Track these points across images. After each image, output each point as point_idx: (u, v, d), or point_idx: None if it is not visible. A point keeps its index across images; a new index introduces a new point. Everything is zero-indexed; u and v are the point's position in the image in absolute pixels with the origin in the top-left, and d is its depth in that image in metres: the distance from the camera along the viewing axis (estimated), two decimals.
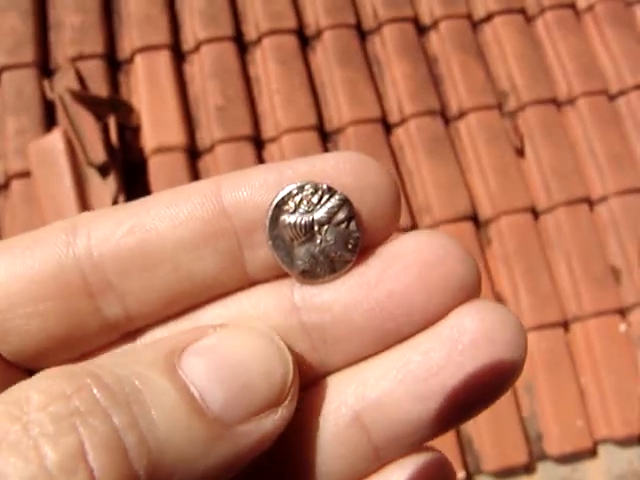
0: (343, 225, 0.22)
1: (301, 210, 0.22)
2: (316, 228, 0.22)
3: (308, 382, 0.22)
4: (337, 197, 0.22)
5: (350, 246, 0.22)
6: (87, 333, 0.22)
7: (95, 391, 0.17)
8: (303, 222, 0.22)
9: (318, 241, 0.22)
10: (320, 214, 0.22)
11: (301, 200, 0.22)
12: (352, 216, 0.22)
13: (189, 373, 0.19)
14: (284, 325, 0.22)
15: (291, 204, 0.22)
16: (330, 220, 0.22)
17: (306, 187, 0.22)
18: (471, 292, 0.21)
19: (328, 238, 0.22)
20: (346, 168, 0.21)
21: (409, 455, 0.21)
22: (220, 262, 0.22)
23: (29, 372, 0.22)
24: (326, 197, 0.22)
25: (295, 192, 0.22)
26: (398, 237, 0.22)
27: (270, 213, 0.22)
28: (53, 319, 0.21)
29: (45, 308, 0.21)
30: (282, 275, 0.23)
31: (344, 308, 0.22)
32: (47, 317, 0.21)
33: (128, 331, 0.23)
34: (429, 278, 0.21)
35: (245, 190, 0.22)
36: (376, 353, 0.22)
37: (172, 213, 0.22)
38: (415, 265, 0.21)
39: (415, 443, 0.21)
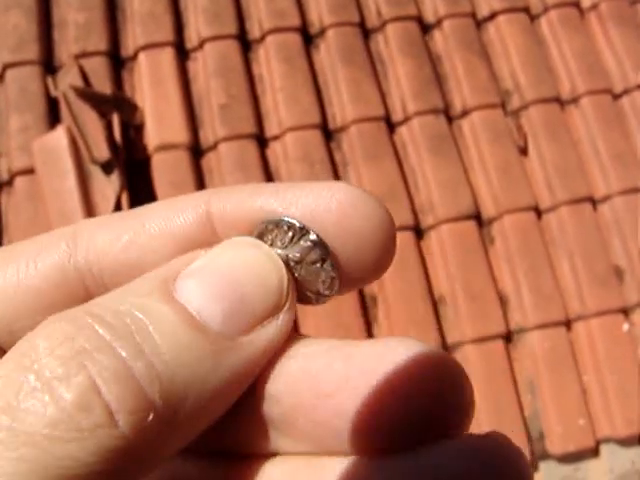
0: (317, 264, 0.21)
1: (278, 245, 0.22)
2: (291, 264, 0.22)
3: None
4: (310, 237, 0.21)
5: (326, 285, 0.22)
6: None
7: (97, 328, 0.18)
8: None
9: (295, 275, 0.22)
10: (293, 252, 0.21)
11: (276, 236, 0.21)
12: (325, 257, 0.21)
13: (185, 295, 0.19)
14: None
15: (267, 239, 0.22)
16: (303, 259, 0.21)
17: (281, 224, 0.21)
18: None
19: (302, 274, 0.22)
20: (333, 205, 0.21)
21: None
22: None
23: None
24: (298, 236, 0.21)
25: (271, 227, 0.21)
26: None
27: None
28: None
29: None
30: None
31: None
32: None
33: None
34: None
35: (234, 208, 0.22)
36: None
37: (166, 229, 0.22)
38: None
39: None
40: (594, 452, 1.36)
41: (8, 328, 0.22)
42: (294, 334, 0.21)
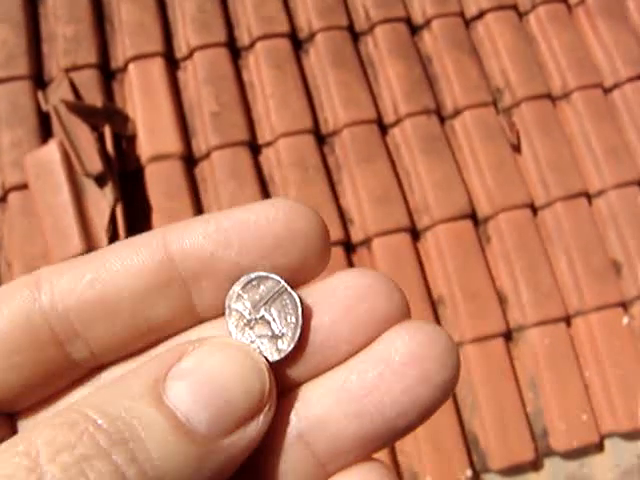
0: (281, 298, 0.24)
1: (258, 302, 0.25)
2: (262, 313, 0.25)
3: None
4: (271, 281, 0.24)
5: (292, 318, 0.24)
6: (58, 375, 0.25)
7: (95, 435, 0.19)
8: (249, 310, 0.25)
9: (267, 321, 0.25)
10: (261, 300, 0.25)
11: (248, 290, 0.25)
12: (284, 290, 0.24)
13: (174, 399, 0.21)
14: None
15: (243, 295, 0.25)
16: (268, 300, 0.25)
17: (252, 276, 0.25)
18: (397, 323, 0.23)
19: (272, 314, 0.25)
20: (277, 216, 0.24)
21: (352, 466, 0.23)
22: (172, 307, 0.25)
23: (7, 415, 0.25)
24: (263, 284, 0.25)
25: (245, 283, 0.25)
26: (331, 275, 0.24)
27: (227, 303, 0.25)
28: (27, 369, 0.24)
29: (19, 360, 0.23)
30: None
31: None
32: (21, 368, 0.24)
33: (94, 367, 0.25)
34: (354, 313, 0.23)
35: (188, 241, 0.24)
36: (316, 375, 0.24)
37: (126, 266, 0.24)
38: (341, 302, 0.23)
39: (357, 457, 0.23)
40: (599, 447, 1.35)
41: None
42: None
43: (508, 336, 1.37)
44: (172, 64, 1.50)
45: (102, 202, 1.27)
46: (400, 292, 0.24)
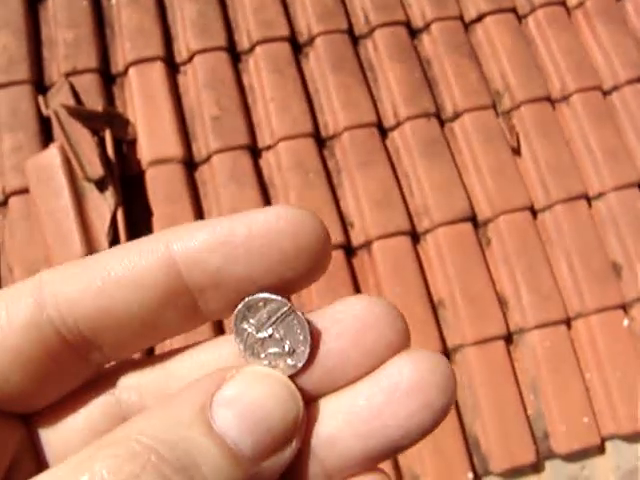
0: (288, 319, 0.25)
1: (265, 322, 0.26)
2: (270, 331, 0.26)
3: None
4: (276, 303, 0.25)
5: (301, 337, 0.25)
6: (72, 378, 0.26)
7: (158, 465, 0.20)
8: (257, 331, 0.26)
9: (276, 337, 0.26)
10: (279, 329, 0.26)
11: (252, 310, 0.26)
12: (292, 311, 0.25)
13: (222, 427, 0.23)
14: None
15: (249, 315, 0.26)
16: (275, 321, 0.26)
17: (257, 297, 0.25)
18: (400, 350, 0.25)
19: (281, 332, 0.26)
20: (285, 229, 0.24)
21: (358, 475, 0.25)
22: (179, 314, 0.25)
23: (21, 417, 0.26)
24: (278, 315, 0.25)
25: (250, 303, 0.25)
26: (341, 300, 0.26)
27: (234, 322, 0.26)
28: (38, 370, 0.24)
29: (29, 361, 0.24)
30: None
31: None
32: (32, 369, 0.24)
33: (106, 363, 0.27)
34: (362, 341, 0.25)
35: (195, 254, 0.24)
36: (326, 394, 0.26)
37: (133, 276, 0.24)
38: (350, 329, 0.25)
39: (362, 470, 0.25)
40: (600, 449, 1.35)
41: None
42: None
43: (509, 339, 1.37)
44: (172, 68, 1.51)
45: (103, 206, 1.27)
46: (404, 320, 0.26)
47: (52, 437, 0.26)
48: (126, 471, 0.20)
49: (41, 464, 0.25)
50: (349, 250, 1.39)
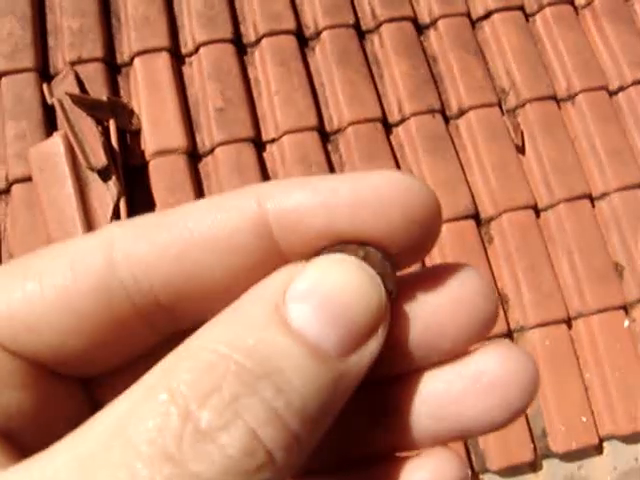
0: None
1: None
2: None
3: None
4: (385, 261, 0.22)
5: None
6: (138, 345, 0.23)
7: (239, 373, 0.18)
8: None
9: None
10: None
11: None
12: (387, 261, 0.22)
13: (302, 324, 0.20)
14: None
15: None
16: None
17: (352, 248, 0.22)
18: (488, 329, 0.23)
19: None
20: (395, 198, 0.21)
21: (430, 454, 0.24)
22: (264, 277, 0.22)
23: (82, 381, 0.24)
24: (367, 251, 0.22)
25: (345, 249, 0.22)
26: (436, 265, 0.24)
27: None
28: (105, 343, 0.22)
29: (96, 335, 0.22)
30: None
31: None
32: (99, 342, 0.22)
33: (175, 332, 0.23)
34: (460, 313, 0.23)
35: (291, 212, 0.21)
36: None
37: (218, 238, 0.21)
38: (451, 294, 0.23)
39: (427, 447, 0.24)
40: (597, 449, 1.35)
41: (52, 352, 0.22)
42: None
43: (509, 337, 1.37)
44: (178, 59, 1.50)
45: (106, 196, 1.27)
46: (496, 299, 0.23)
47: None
48: (206, 383, 0.18)
49: None
50: None
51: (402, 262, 0.23)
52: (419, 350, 0.23)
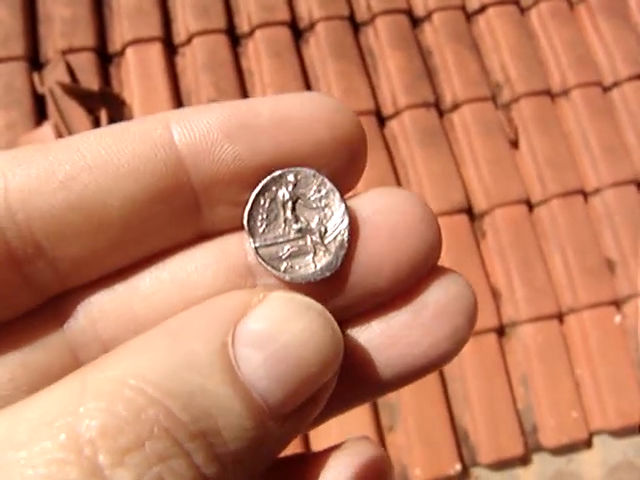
0: (316, 196, 0.20)
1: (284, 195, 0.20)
2: (293, 214, 0.21)
3: None
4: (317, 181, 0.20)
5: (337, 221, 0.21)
6: (11, 303, 0.19)
7: (170, 430, 0.15)
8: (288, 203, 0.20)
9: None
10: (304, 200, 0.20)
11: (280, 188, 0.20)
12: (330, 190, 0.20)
13: (250, 374, 0.17)
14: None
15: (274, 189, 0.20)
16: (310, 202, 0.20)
17: (279, 172, 0.20)
18: (433, 264, 0.22)
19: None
20: (320, 117, 0.19)
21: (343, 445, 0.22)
22: (174, 219, 0.19)
23: None
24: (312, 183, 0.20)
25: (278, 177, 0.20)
26: (375, 191, 0.21)
27: (253, 197, 0.20)
28: None
29: None
30: (234, 229, 0.21)
31: None
32: None
33: (57, 293, 0.20)
34: (398, 250, 0.21)
35: (204, 136, 0.19)
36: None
37: (117, 161, 0.18)
38: (387, 232, 0.21)
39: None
40: (587, 444, 1.36)
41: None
42: None
43: (501, 331, 1.37)
44: (170, 49, 1.49)
45: None
46: (439, 229, 0.21)
47: None
48: (127, 435, 0.14)
49: None
50: None
51: (337, 186, 0.21)
52: (354, 291, 0.21)
